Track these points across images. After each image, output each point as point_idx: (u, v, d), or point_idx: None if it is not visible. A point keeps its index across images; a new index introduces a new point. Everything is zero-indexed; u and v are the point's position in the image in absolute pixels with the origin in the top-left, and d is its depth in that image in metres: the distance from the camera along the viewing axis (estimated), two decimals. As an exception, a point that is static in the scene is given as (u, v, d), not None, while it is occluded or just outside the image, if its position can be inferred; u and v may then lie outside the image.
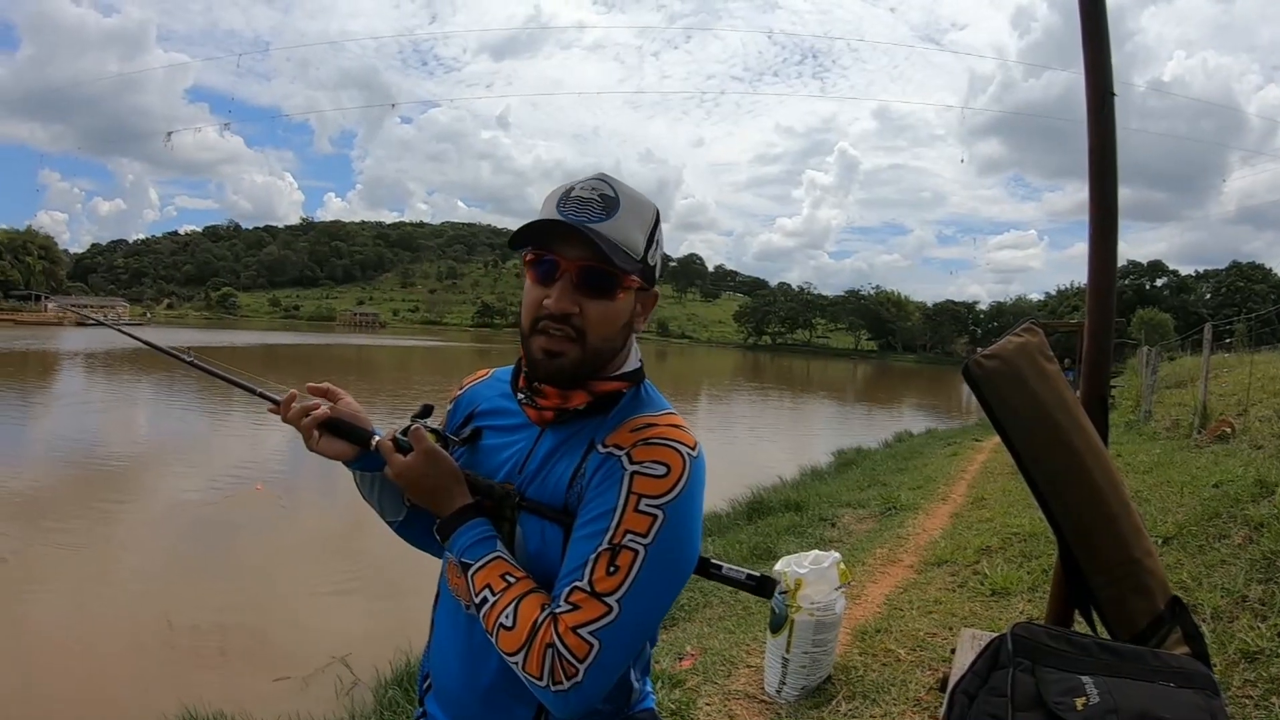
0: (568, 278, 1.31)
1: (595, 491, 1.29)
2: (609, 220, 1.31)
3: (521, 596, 1.28)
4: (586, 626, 1.21)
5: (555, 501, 1.35)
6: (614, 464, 1.29)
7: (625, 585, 1.23)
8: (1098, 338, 2.39)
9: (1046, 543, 5.80)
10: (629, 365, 1.44)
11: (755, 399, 42.71)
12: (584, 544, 1.27)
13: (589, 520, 1.28)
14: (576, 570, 1.25)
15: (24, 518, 10.79)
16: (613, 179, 1.36)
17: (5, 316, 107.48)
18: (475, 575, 1.32)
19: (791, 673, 4.02)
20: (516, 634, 1.24)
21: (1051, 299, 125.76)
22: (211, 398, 23.46)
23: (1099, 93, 2.31)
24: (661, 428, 1.32)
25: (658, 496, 1.26)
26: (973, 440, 17.04)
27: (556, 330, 1.32)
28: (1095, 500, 2.10)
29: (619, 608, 1.22)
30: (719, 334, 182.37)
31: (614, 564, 1.23)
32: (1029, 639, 1.73)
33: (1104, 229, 2.33)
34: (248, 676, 6.28)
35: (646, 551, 1.24)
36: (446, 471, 1.38)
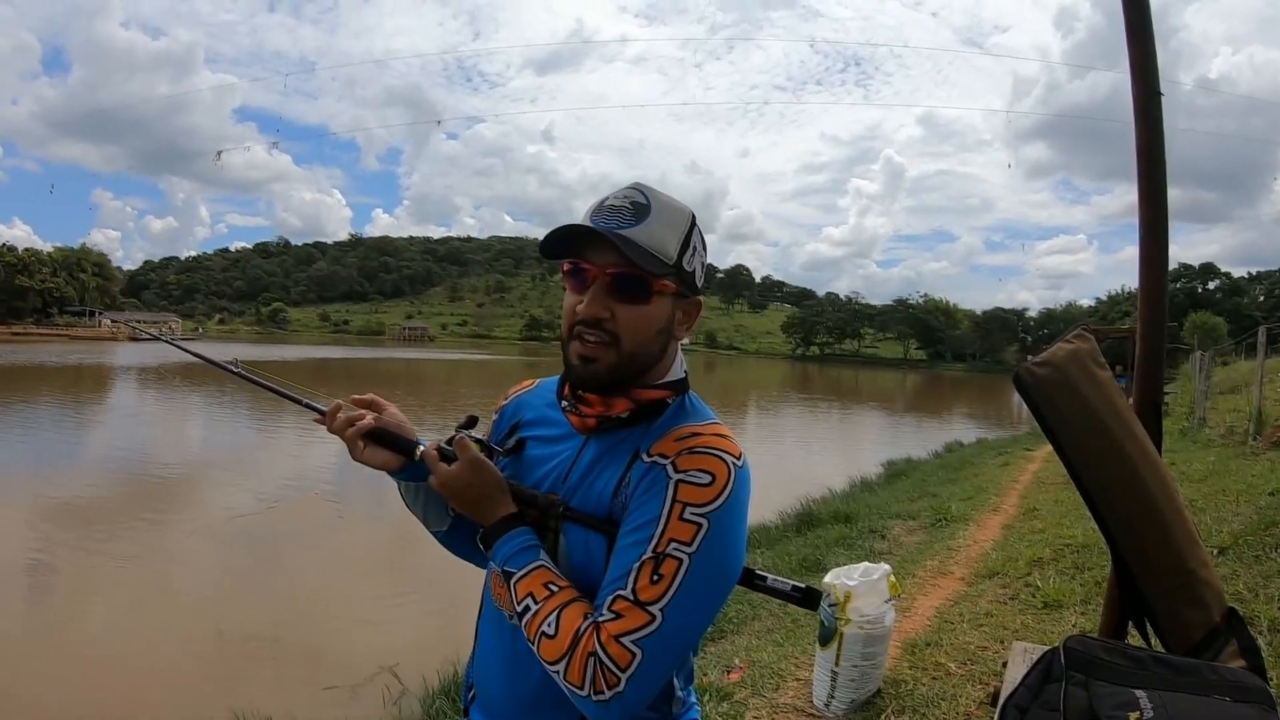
0: (599, 283, 1.32)
1: (640, 500, 1.29)
2: (638, 226, 1.31)
3: (564, 605, 1.27)
4: (629, 635, 1.21)
5: (599, 511, 1.35)
6: (658, 473, 1.29)
7: (669, 594, 1.22)
8: (1150, 342, 2.35)
9: (1099, 554, 5.69)
10: (672, 374, 1.43)
11: (804, 410, 42.46)
12: (628, 552, 1.26)
13: (633, 529, 1.27)
14: (620, 579, 1.25)
15: (78, 527, 10.99)
16: (647, 187, 1.36)
17: (60, 332, 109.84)
18: (518, 584, 1.32)
19: (840, 686, 3.97)
20: (558, 642, 1.24)
21: (1102, 304, 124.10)
22: (261, 410, 23.77)
23: (1146, 92, 2.28)
24: (706, 437, 1.31)
25: (702, 505, 1.24)
26: (1024, 450, 16.79)
27: (590, 336, 1.33)
28: (1149, 509, 2.06)
29: (662, 616, 1.21)
30: (767, 345, 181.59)
31: (658, 572, 1.23)
32: (1082, 652, 1.69)
33: (1154, 230, 2.29)
34: (297, 684, 6.33)
35: (690, 560, 1.23)
36: (490, 481, 1.38)
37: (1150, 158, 2.27)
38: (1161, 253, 2.30)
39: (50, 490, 13.20)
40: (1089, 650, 1.69)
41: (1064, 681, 1.63)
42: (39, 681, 6.33)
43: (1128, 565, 2.09)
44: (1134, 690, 1.56)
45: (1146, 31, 2.28)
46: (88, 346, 77.21)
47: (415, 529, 1.66)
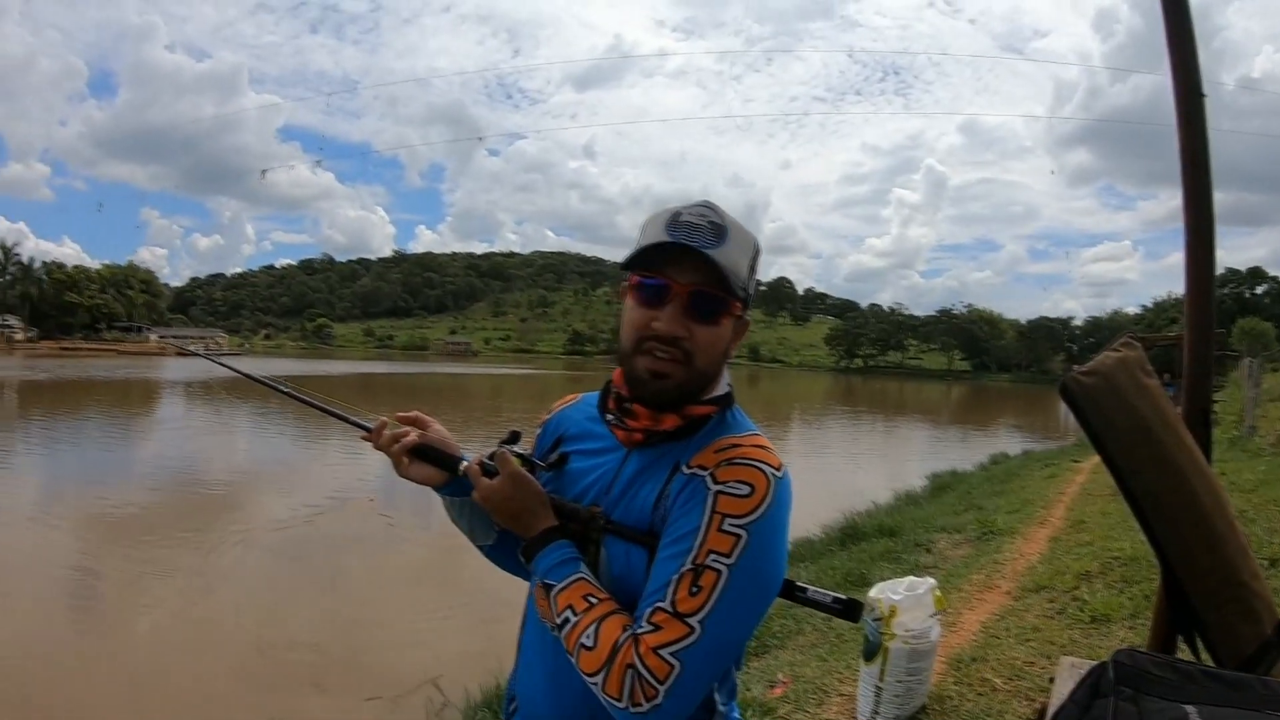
0: (679, 300, 1.33)
1: (679, 512, 1.29)
2: (720, 246, 1.32)
3: (603, 617, 1.27)
4: (668, 647, 1.20)
5: (640, 524, 1.35)
6: (698, 484, 1.29)
7: (708, 606, 1.22)
8: (1197, 349, 2.31)
9: (1148, 567, 5.61)
10: (719, 390, 1.43)
11: (848, 423, 42.26)
12: (667, 564, 1.26)
13: (673, 541, 1.27)
14: (659, 591, 1.25)
15: (126, 538, 11.19)
16: (718, 207, 1.38)
17: (109, 347, 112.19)
18: (558, 596, 1.32)
19: (885, 702, 3.93)
20: (597, 654, 1.24)
21: (1149, 311, 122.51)
22: (306, 425, 24.00)
23: (1188, 94, 2.24)
24: (746, 448, 1.32)
25: (741, 516, 1.25)
26: (1071, 461, 16.55)
27: (663, 353, 1.34)
28: (1199, 520, 2.02)
29: (701, 629, 1.21)
30: (810, 358, 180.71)
31: (697, 584, 1.22)
32: (1131, 667, 1.66)
33: (1200, 234, 2.25)
34: (340, 695, 6.39)
35: (730, 572, 1.23)
36: (532, 495, 1.40)
37: (1194, 161, 2.23)
38: (1208, 257, 2.26)
39: (98, 502, 13.47)
40: (1138, 665, 1.66)
41: (1113, 697, 1.60)
42: (85, 690, 6.45)
43: (1177, 577, 2.05)
44: (1184, 706, 1.52)
45: (1187, 31, 2.24)
46: (135, 361, 78.62)
47: (459, 541, 1.67)
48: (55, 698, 6.30)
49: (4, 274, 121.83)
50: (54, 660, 6.99)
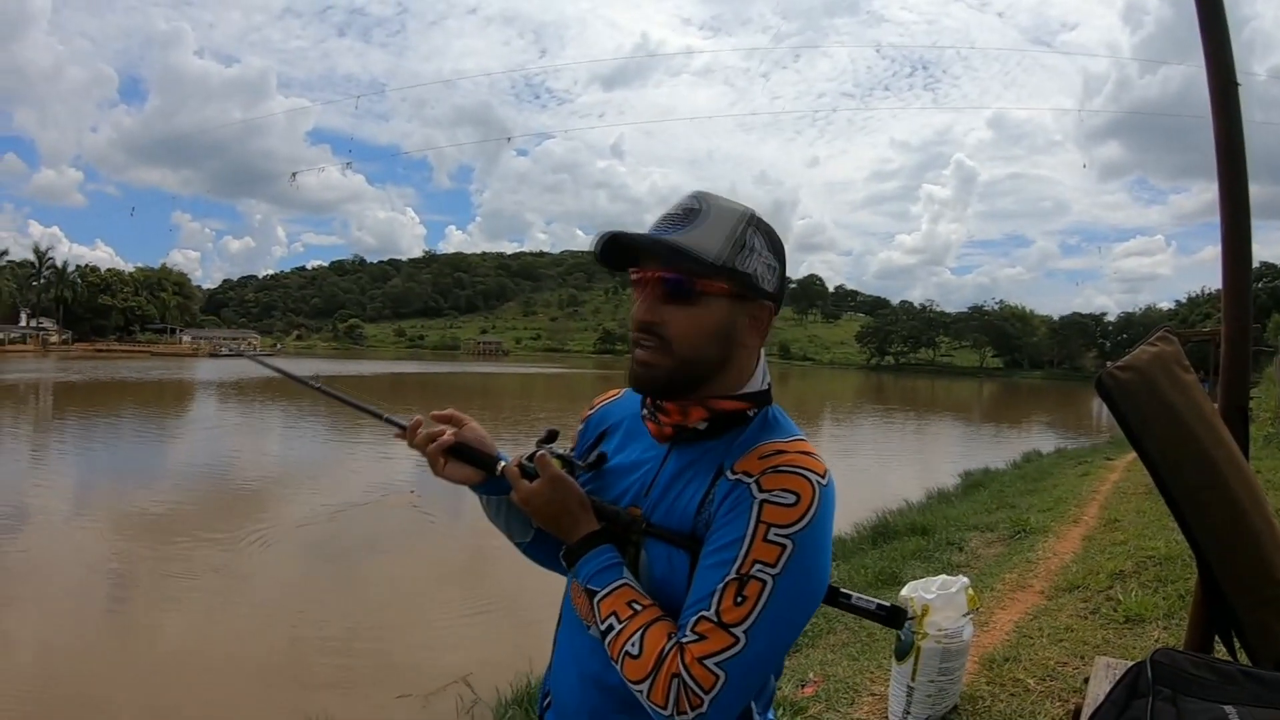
0: (649, 288, 1.34)
1: (724, 519, 1.27)
2: (685, 229, 1.32)
3: (648, 625, 1.27)
4: (713, 658, 1.20)
5: (683, 526, 1.34)
6: (743, 491, 1.27)
7: (753, 616, 1.21)
8: (1234, 344, 2.27)
9: (1184, 566, 5.55)
10: (752, 385, 1.41)
11: (879, 421, 42.07)
12: (711, 573, 1.25)
13: (717, 549, 1.26)
14: (704, 600, 1.24)
15: (159, 535, 11.37)
16: (706, 194, 1.37)
17: (142, 348, 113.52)
18: (601, 602, 1.32)
19: (917, 702, 3.91)
20: (642, 663, 1.24)
21: (1182, 307, 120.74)
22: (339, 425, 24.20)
23: (1221, 84, 2.21)
24: (791, 455, 1.29)
25: (787, 526, 1.23)
26: (1105, 459, 16.42)
27: (646, 341, 1.34)
28: (1237, 518, 1.99)
29: (746, 639, 1.21)
30: (841, 355, 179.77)
31: (741, 594, 1.21)
32: (1170, 666, 1.64)
33: (1236, 227, 2.22)
34: (370, 692, 6.44)
35: (775, 582, 1.22)
36: (572, 498, 1.39)
37: (1230, 151, 2.20)
38: (1244, 250, 2.23)
39: (131, 500, 13.67)
40: (1177, 665, 1.63)
41: (1150, 697, 1.58)
42: (117, 685, 6.55)
43: (1214, 576, 2.02)
44: (1223, 706, 1.50)
45: (1219, 19, 2.21)
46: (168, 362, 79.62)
47: (493, 539, 1.66)
48: (88, 695, 6.39)
49: (38, 278, 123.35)
50: (87, 657, 7.09)
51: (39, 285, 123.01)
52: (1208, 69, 2.22)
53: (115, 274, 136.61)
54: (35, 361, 75.90)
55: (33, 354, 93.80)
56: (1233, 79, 2.21)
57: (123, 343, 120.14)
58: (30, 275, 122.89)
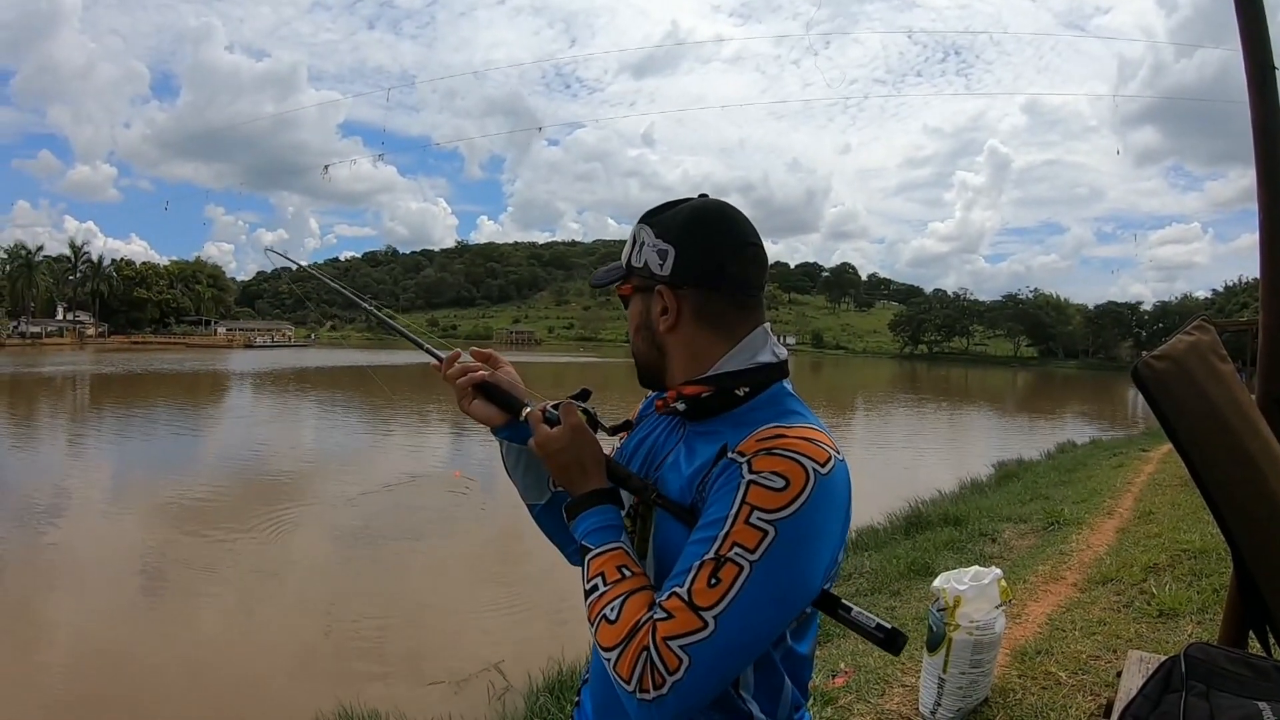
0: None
1: (714, 497, 1.23)
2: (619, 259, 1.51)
3: (631, 592, 1.24)
4: (678, 640, 1.15)
5: (682, 500, 1.33)
6: (734, 470, 1.22)
7: (724, 602, 1.15)
8: (1272, 334, 2.23)
9: (1218, 560, 5.49)
10: (722, 367, 1.37)
11: (912, 410, 41.88)
12: (693, 549, 1.20)
13: (703, 525, 1.22)
14: (681, 575, 1.19)
15: (196, 523, 11.55)
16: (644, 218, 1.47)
17: (178, 340, 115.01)
18: (592, 561, 1.30)
19: (947, 694, 3.88)
20: (617, 629, 1.20)
21: (1219, 296, 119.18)
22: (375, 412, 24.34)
23: (1259, 68, 2.18)
24: (790, 439, 1.23)
25: (771, 511, 1.17)
26: (1140, 450, 16.25)
27: None
28: (1274, 510, 1.96)
29: (715, 625, 1.15)
30: (874, 344, 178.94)
31: (716, 576, 1.16)
32: (1204, 661, 1.62)
33: (1274, 213, 2.18)
34: (404, 678, 6.50)
35: (752, 568, 1.16)
36: (587, 450, 1.40)
37: (1267, 136, 2.17)
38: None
39: (168, 489, 13.88)
40: (1211, 659, 1.61)
41: (1184, 692, 1.56)
42: (157, 672, 6.66)
43: (1250, 570, 1.99)
44: (1258, 703, 1.48)
45: (1256, 2, 2.17)
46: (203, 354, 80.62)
47: (526, 527, 1.66)
48: (126, 681, 6.50)
49: (74, 272, 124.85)
50: (127, 645, 7.21)
51: (75, 279, 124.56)
52: (1244, 52, 2.19)
53: (150, 267, 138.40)
54: (72, 354, 77.05)
55: (70, 347, 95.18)
56: (1270, 63, 2.18)
57: (158, 335, 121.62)
58: (66, 270, 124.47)
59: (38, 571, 9.44)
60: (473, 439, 22.24)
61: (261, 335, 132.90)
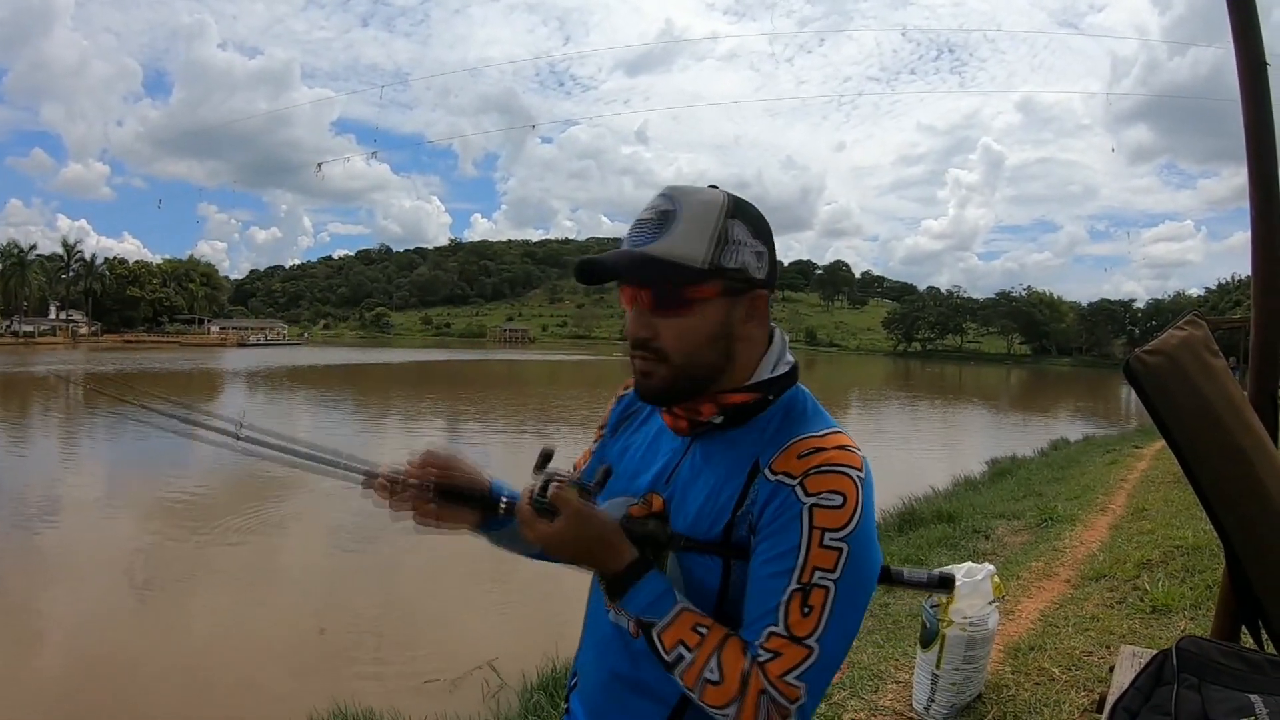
0: (639, 302, 1.30)
1: (773, 527, 1.24)
2: (660, 238, 1.26)
3: (719, 647, 1.24)
4: (793, 672, 1.20)
5: (714, 525, 1.31)
6: (788, 496, 1.24)
7: (821, 625, 1.20)
8: (1265, 330, 2.24)
9: (1211, 556, 5.51)
10: (762, 374, 1.36)
11: (906, 407, 41.99)
12: (771, 583, 1.23)
13: (772, 558, 1.24)
14: (770, 614, 1.22)
15: (188, 522, 11.51)
16: (677, 190, 1.31)
17: (171, 339, 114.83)
18: (664, 634, 1.27)
19: (941, 690, 3.89)
20: (726, 688, 1.21)
21: (1212, 294, 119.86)
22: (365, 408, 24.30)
23: (1251, 65, 2.19)
24: (830, 452, 1.26)
25: (840, 529, 1.22)
26: (1133, 447, 16.32)
27: (639, 354, 1.32)
28: (1265, 505, 1.97)
29: (819, 648, 1.20)
30: (867, 342, 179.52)
31: (807, 604, 1.21)
32: (1196, 654, 1.63)
33: (1266, 211, 2.19)
34: (398, 677, 6.49)
35: (836, 587, 1.21)
36: (604, 529, 1.31)
37: (1259, 134, 2.17)
38: (1274, 234, 2.20)
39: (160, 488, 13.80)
40: (1203, 653, 1.62)
41: (1176, 684, 1.57)
42: (151, 672, 6.63)
43: (1242, 565, 2.00)
44: (1249, 695, 1.49)
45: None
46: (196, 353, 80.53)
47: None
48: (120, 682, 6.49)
49: (67, 271, 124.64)
50: (118, 646, 7.20)
51: (68, 278, 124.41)
52: (1236, 49, 2.20)
53: (143, 266, 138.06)
54: (65, 353, 76.98)
55: (63, 346, 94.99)
56: (1262, 60, 2.18)
57: (151, 334, 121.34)
58: (59, 268, 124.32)
59: (29, 572, 9.42)
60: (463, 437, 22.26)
61: (255, 333, 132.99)
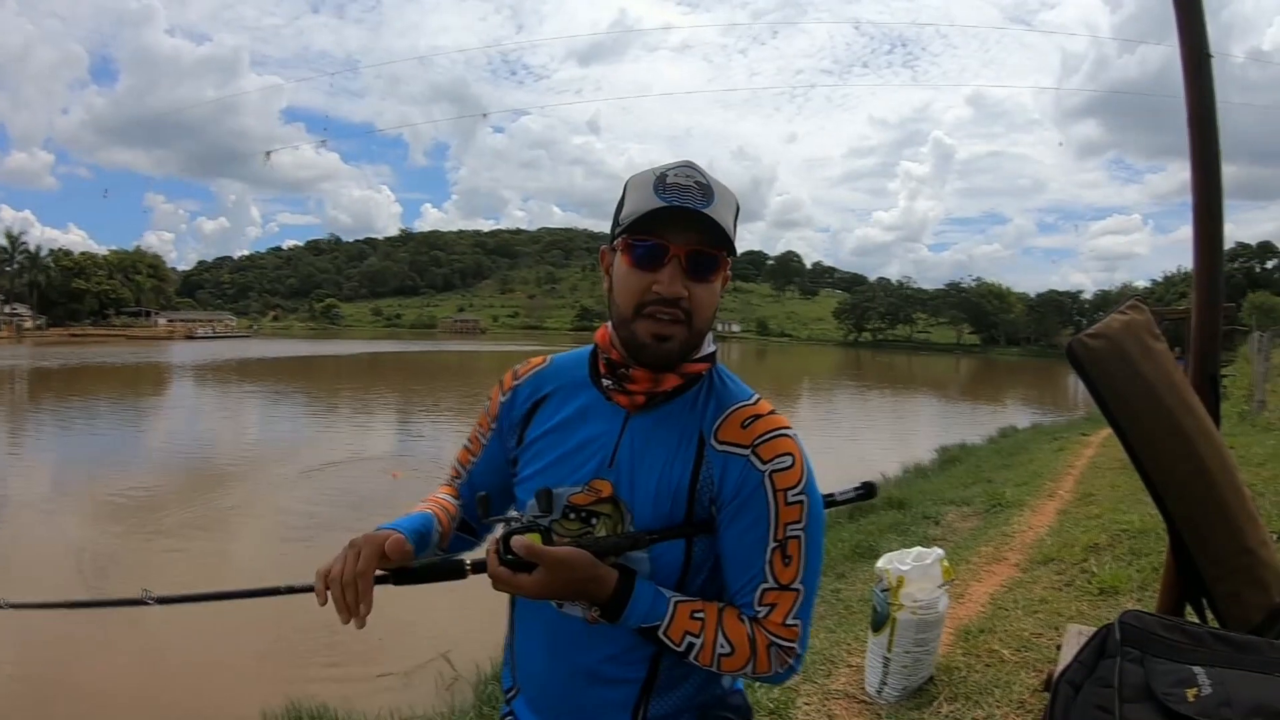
0: (676, 262, 1.32)
1: (740, 499, 1.36)
2: (710, 205, 1.32)
3: (720, 622, 1.36)
4: (789, 615, 1.37)
5: (673, 508, 1.38)
6: (745, 466, 1.36)
7: (801, 567, 1.37)
8: (1205, 313, 2.29)
9: (1156, 539, 5.61)
10: (708, 346, 1.44)
11: (856, 396, 42.27)
12: (754, 550, 1.37)
13: (748, 527, 1.37)
14: (758, 574, 1.37)
15: (139, 519, 11.30)
16: (699, 166, 1.37)
17: (118, 332, 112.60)
18: (668, 632, 1.34)
19: (893, 673, 3.94)
20: (739, 655, 1.35)
21: (1158, 286, 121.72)
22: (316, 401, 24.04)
23: (1194, 56, 2.23)
24: (766, 418, 1.40)
25: (796, 486, 1.36)
26: (1080, 434, 16.55)
27: (665, 314, 1.33)
28: (1207, 485, 2.01)
29: (803, 587, 1.38)
30: (818, 331, 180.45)
31: (786, 555, 1.36)
32: (1139, 628, 1.66)
33: (1208, 200, 2.24)
34: (352, 672, 6.43)
35: (805, 533, 1.37)
36: (582, 568, 1.30)
37: (1202, 124, 2.21)
38: (1216, 223, 2.24)
39: (110, 485, 13.53)
40: (1146, 626, 1.66)
41: (1119, 658, 1.60)
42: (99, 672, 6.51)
43: (1185, 544, 2.05)
44: (1192, 667, 1.52)
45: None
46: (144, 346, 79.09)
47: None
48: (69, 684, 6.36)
49: (11, 262, 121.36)
50: (70, 644, 7.05)
51: (12, 271, 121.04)
52: (1180, 41, 2.23)
53: (89, 257, 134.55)
54: (10, 348, 74.90)
55: (7, 340, 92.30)
56: (1205, 51, 2.22)
57: (98, 327, 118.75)
58: (3, 260, 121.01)
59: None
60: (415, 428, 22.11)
61: (203, 326, 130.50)
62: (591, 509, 1.40)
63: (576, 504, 1.40)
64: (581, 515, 1.40)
